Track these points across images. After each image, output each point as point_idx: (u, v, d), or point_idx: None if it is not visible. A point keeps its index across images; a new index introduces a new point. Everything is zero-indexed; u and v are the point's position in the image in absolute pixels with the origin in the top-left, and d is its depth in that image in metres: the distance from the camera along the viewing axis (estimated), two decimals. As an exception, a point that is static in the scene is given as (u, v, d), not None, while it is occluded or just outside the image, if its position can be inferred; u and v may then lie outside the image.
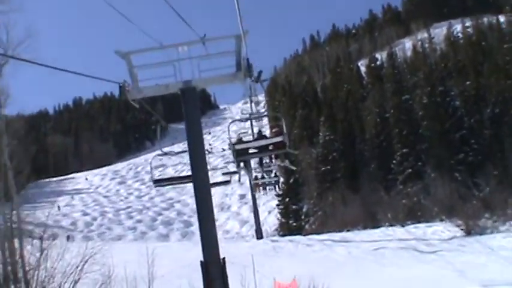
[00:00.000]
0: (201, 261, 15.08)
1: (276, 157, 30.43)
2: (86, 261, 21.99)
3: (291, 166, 58.00)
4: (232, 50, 15.43)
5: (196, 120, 15.76)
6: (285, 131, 22.06)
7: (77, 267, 22.01)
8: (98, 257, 22.80)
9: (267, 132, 44.29)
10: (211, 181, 38.05)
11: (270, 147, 22.75)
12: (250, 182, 55.92)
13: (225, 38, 15.85)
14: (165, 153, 16.61)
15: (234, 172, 36.00)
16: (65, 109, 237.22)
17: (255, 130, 33.74)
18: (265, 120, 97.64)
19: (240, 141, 24.62)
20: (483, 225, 57.95)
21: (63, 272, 22.20)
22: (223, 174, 33.03)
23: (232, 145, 22.88)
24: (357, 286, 37.05)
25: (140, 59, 15.96)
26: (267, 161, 32.86)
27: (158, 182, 16.28)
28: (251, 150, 22.94)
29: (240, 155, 22.68)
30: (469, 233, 56.00)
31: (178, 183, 16.52)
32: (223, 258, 15.37)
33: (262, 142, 22.72)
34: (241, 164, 26.09)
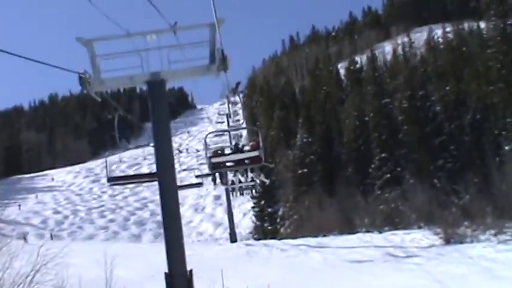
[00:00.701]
0: (165, 273, 13.49)
1: (252, 170, 30.91)
2: (38, 271, 19.86)
3: (265, 180, 57.98)
4: (206, 40, 14.04)
5: (163, 116, 14.28)
6: (261, 145, 23.00)
7: (27, 276, 19.87)
8: (51, 265, 20.60)
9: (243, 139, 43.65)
10: (185, 182, 37.00)
11: (246, 161, 23.06)
12: (226, 191, 55.01)
13: (198, 27, 14.40)
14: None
15: (207, 175, 35.66)
16: (41, 105, 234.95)
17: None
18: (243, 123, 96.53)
19: (216, 153, 25.07)
20: (462, 234, 56.81)
21: (12, 282, 20.08)
22: (196, 176, 32.62)
23: (208, 158, 23.78)
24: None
25: (104, 48, 14.48)
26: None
27: (114, 180, 14.24)
28: (228, 162, 23.37)
29: (216, 167, 23.69)
30: (448, 241, 54.88)
31: (137, 182, 14.71)
32: (191, 271, 13.78)
33: (239, 156, 23.28)
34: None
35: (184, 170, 56.69)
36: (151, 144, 14.34)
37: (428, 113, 78.25)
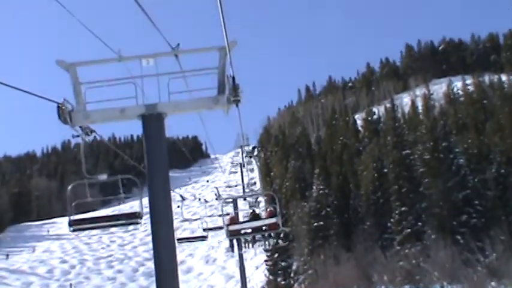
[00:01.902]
0: None
1: (270, 235, 31.64)
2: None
3: (283, 243, 57.35)
4: (214, 66, 11.53)
5: (160, 158, 11.65)
6: (278, 211, 22.73)
7: None
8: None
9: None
10: (190, 235, 34.78)
11: (264, 227, 22.78)
12: (240, 257, 53.83)
13: (204, 51, 11.91)
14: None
15: (214, 228, 34.27)
16: (53, 152, 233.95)
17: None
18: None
19: (233, 220, 25.66)
20: (491, 295, 54.02)
21: None
22: (204, 230, 30.99)
23: (226, 226, 23.82)
24: None
25: (91, 75, 11.94)
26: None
27: (78, 224, 11.55)
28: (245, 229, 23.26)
29: (234, 234, 23.67)
30: (474, 302, 52.10)
31: (108, 226, 12.15)
32: None
33: (256, 224, 23.08)
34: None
35: (196, 219, 54.45)
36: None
37: (451, 165, 75.54)
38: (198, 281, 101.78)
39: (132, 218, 11.70)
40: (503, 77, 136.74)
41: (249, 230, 23.22)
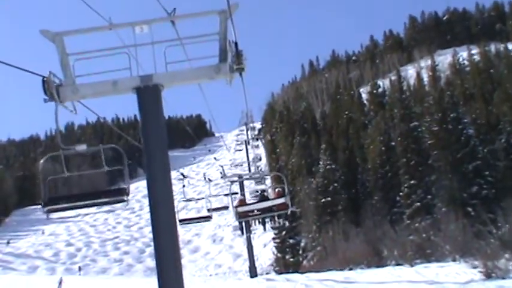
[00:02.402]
0: None
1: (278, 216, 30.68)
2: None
3: (290, 224, 57.12)
4: (215, 32, 10.48)
5: (158, 134, 10.63)
6: (286, 191, 23.30)
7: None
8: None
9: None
10: (194, 215, 33.94)
11: (273, 208, 22.98)
12: (248, 241, 53.76)
13: (203, 15, 10.83)
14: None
15: (219, 208, 33.81)
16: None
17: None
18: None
19: (241, 202, 26.05)
20: (504, 268, 52.95)
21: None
22: (209, 210, 30.41)
23: (235, 208, 24.32)
24: None
25: (80, 45, 10.89)
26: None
27: (53, 204, 10.22)
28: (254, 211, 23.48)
29: (243, 216, 24.26)
30: (488, 276, 50.90)
31: (89, 206, 10.58)
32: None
33: (265, 204, 23.36)
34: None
35: (200, 199, 53.76)
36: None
37: (460, 136, 74.54)
38: (205, 261, 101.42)
39: (117, 195, 10.15)
40: (510, 46, 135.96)
41: (258, 212, 23.19)
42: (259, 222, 46.36)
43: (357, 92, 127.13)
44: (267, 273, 65.67)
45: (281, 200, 22.77)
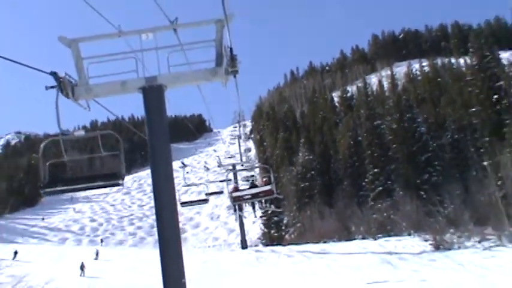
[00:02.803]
0: None
1: (266, 200, 34.04)
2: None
3: (276, 209, 56.68)
4: (212, 39, 9.64)
5: (161, 128, 9.75)
6: (272, 180, 23.76)
7: None
8: None
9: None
10: (195, 198, 33.36)
11: (261, 194, 23.80)
12: (240, 220, 53.30)
13: (202, 24, 9.95)
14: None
15: (215, 193, 34.06)
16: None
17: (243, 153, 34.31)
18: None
19: (235, 189, 27.14)
20: (450, 241, 52.60)
21: None
22: (206, 194, 30.20)
23: (230, 193, 25.32)
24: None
25: (93, 50, 9.99)
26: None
27: (51, 187, 9.16)
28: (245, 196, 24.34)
29: (236, 200, 25.06)
30: (437, 247, 50.72)
31: (86, 188, 9.40)
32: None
33: (254, 190, 23.93)
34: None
35: (198, 184, 53.47)
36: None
37: (414, 133, 74.79)
38: (205, 234, 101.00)
39: (112, 179, 8.86)
40: (453, 60, 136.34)
41: (249, 196, 23.89)
42: (249, 204, 45.96)
43: (330, 96, 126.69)
44: (255, 246, 65.25)
45: (268, 187, 23.20)
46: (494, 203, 57.24)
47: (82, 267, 44.29)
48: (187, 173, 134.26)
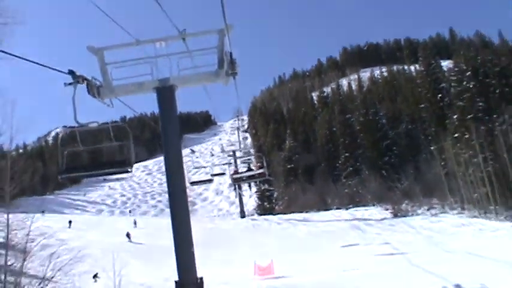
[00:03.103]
0: (175, 282, 8.73)
1: (259, 181, 36.14)
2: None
3: (268, 188, 56.88)
4: (215, 46, 9.11)
5: (173, 122, 9.25)
6: (265, 165, 24.11)
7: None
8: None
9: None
10: (200, 178, 32.73)
11: (256, 176, 24.43)
12: (239, 195, 52.74)
13: (206, 33, 9.43)
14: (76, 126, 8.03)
15: (219, 174, 33.64)
16: (117, 124, 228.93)
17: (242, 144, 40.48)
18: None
19: (235, 172, 27.84)
20: (405, 209, 52.49)
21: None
22: (211, 175, 29.60)
23: (231, 176, 26.71)
24: (316, 259, 30.62)
25: (114, 57, 9.48)
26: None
27: (68, 173, 8.26)
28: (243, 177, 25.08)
29: (236, 181, 26.22)
30: (395, 215, 50.63)
31: (98, 175, 8.66)
32: (201, 278, 8.70)
33: (250, 173, 24.35)
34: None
35: (205, 167, 52.91)
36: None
37: (377, 124, 74.32)
38: (211, 206, 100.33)
39: (121, 166, 8.19)
40: (405, 67, 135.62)
41: (246, 178, 24.54)
42: (247, 183, 45.72)
43: (310, 96, 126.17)
44: (252, 215, 64.60)
45: (261, 171, 23.51)
46: (439, 179, 57.22)
47: (128, 235, 43.34)
48: (196, 157, 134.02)
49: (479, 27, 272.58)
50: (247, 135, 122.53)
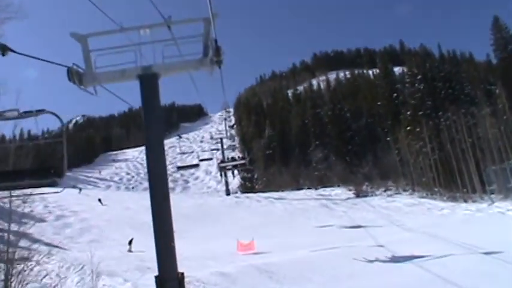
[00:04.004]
0: (156, 277, 6.76)
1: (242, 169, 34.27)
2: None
3: (249, 174, 56.13)
4: (200, 34, 7.14)
5: (155, 111, 7.23)
6: (246, 156, 24.61)
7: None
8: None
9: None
10: (188, 163, 30.55)
11: (238, 165, 24.92)
12: (225, 182, 51.31)
13: (192, 21, 7.43)
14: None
15: (207, 159, 31.89)
16: (124, 113, 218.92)
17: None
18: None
19: (222, 161, 27.84)
20: (365, 190, 51.32)
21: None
22: (200, 160, 27.73)
23: (218, 164, 27.16)
24: (293, 238, 29.03)
25: (98, 44, 7.43)
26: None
27: None
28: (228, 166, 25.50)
29: (222, 168, 26.58)
30: (358, 195, 49.38)
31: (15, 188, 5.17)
32: (182, 274, 6.82)
33: (234, 162, 24.53)
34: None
35: (191, 152, 51.13)
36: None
37: (342, 118, 72.88)
38: (202, 184, 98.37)
39: (46, 177, 4.61)
40: (365, 71, 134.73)
41: (230, 167, 24.97)
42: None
43: (286, 93, 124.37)
44: (235, 193, 63.00)
45: (243, 161, 24.09)
46: (394, 165, 56.29)
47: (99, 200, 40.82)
48: (190, 143, 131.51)
49: (422, 40, 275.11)
50: (234, 126, 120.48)
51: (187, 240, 26.02)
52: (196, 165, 27.70)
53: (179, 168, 28.30)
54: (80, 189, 52.23)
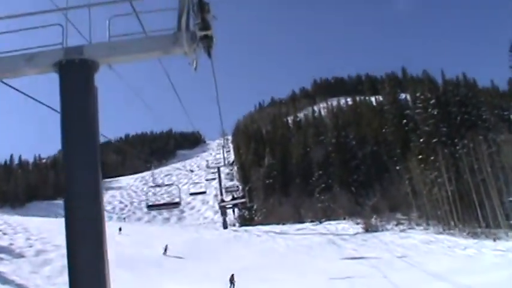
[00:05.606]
0: None
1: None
2: None
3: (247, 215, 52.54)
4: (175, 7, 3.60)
5: (86, 125, 3.59)
6: (246, 195, 23.46)
7: None
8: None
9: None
10: (162, 202, 25.99)
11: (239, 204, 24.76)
12: (224, 220, 47.52)
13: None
14: None
15: (200, 193, 28.84)
16: (120, 139, 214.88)
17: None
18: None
19: (222, 200, 26.32)
20: (375, 224, 47.47)
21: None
22: (190, 194, 24.04)
23: (219, 203, 26.54)
24: (296, 281, 25.33)
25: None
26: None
27: None
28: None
29: (222, 207, 26.98)
30: (367, 230, 45.49)
31: None
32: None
33: (234, 202, 24.01)
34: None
35: (170, 184, 47.65)
36: None
37: (347, 145, 69.60)
38: (198, 215, 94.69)
39: None
40: (367, 97, 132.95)
41: (230, 206, 19.51)
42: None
43: (286, 120, 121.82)
44: (233, 225, 59.15)
45: (243, 200, 22.78)
46: (404, 196, 52.77)
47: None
48: (191, 171, 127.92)
49: (424, 66, 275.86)
50: (232, 155, 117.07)
51: (180, 280, 22.75)
52: (176, 204, 20.63)
53: (150, 207, 22.35)
54: (120, 229, 44.31)
